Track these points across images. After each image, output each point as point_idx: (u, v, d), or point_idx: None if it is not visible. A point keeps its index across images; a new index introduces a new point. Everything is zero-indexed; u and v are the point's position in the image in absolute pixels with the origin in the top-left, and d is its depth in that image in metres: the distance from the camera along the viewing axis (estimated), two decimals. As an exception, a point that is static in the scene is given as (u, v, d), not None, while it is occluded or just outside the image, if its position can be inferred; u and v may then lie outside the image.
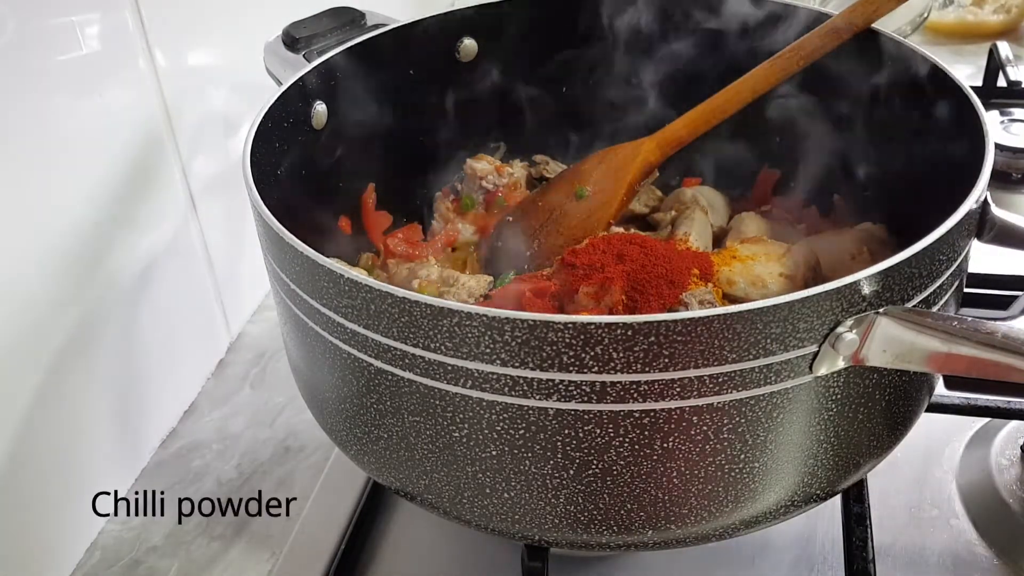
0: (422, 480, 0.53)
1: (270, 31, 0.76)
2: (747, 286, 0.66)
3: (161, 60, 0.76)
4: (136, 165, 0.75)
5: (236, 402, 0.85)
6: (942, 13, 1.46)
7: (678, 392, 0.45)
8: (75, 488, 0.71)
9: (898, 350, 0.46)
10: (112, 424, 0.75)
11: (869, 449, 0.54)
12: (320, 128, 0.69)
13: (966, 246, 0.53)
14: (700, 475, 0.49)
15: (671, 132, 0.74)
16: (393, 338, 0.47)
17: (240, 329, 0.94)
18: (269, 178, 0.61)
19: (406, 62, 0.75)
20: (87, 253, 0.70)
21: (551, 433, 0.47)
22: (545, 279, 0.65)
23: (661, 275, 0.61)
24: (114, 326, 0.74)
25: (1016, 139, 1.05)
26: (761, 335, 0.44)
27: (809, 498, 0.53)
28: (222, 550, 0.71)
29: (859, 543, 0.63)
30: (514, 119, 0.83)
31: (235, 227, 0.90)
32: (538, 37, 0.80)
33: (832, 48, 0.69)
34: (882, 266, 0.45)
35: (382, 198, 0.79)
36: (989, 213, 0.55)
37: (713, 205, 0.79)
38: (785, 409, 0.47)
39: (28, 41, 0.62)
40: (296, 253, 0.49)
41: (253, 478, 0.77)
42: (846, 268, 0.64)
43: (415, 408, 0.49)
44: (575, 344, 0.43)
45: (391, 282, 0.69)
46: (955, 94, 0.61)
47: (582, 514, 0.50)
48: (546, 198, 0.78)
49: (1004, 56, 1.14)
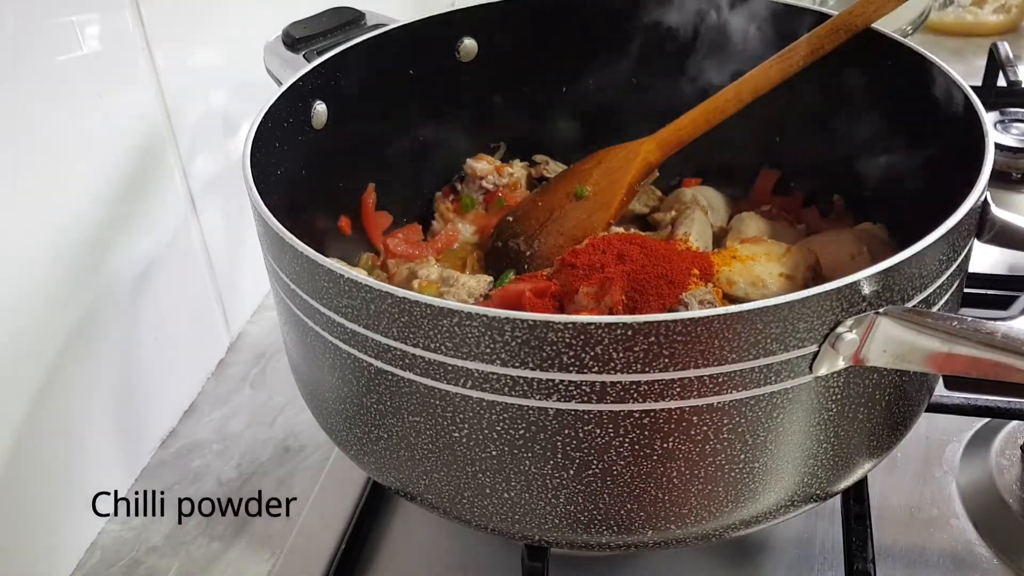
0: (422, 480, 0.53)
1: (270, 31, 0.76)
2: (747, 286, 0.66)
3: (161, 60, 0.76)
4: (136, 165, 0.75)
5: (236, 402, 0.85)
6: (942, 13, 1.46)
7: (678, 392, 0.45)
8: (75, 488, 0.71)
9: (898, 350, 0.46)
10: (112, 424, 0.75)
11: (869, 449, 0.54)
12: (320, 128, 0.69)
13: (966, 246, 0.53)
14: (700, 475, 0.49)
15: (671, 132, 0.74)
16: (393, 338, 0.47)
17: (240, 329, 0.94)
18: (269, 178, 0.61)
19: (406, 62, 0.75)
20: (87, 253, 0.70)
21: (551, 433, 0.47)
22: (545, 279, 0.65)
23: (661, 275, 0.61)
24: (114, 326, 0.74)
25: (1016, 139, 1.05)
26: (761, 335, 0.44)
27: (809, 498, 0.53)
28: (222, 550, 0.71)
29: (859, 543, 0.63)
30: (514, 119, 0.83)
31: (235, 227, 0.90)
32: (538, 37, 0.80)
33: (832, 48, 0.69)
34: (882, 266, 0.45)
35: (382, 198, 0.79)
36: (989, 213, 0.55)
37: (713, 205, 0.79)
38: (785, 409, 0.47)
39: (28, 41, 0.62)
40: (296, 253, 0.49)
41: (253, 478, 0.77)
42: (846, 268, 0.64)
43: (415, 408, 0.49)
44: (575, 344, 0.43)
45: (391, 282, 0.69)
46: (955, 94, 0.61)
47: (582, 514, 0.50)
48: (546, 198, 0.78)
49: (1004, 56, 1.14)
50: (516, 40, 0.80)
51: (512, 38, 0.80)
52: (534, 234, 0.75)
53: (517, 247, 0.75)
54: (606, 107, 0.83)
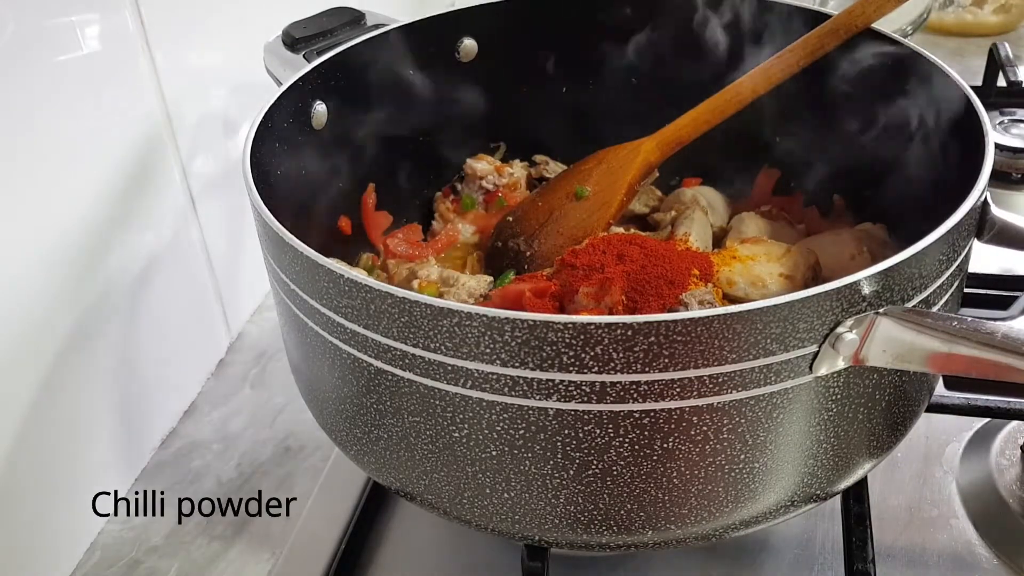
0: (422, 480, 0.53)
1: (270, 31, 0.76)
2: (747, 286, 0.66)
3: (161, 60, 0.76)
4: (136, 165, 0.75)
5: (236, 402, 0.85)
6: (942, 13, 1.46)
7: (678, 392, 0.45)
8: (75, 488, 0.71)
9: (898, 350, 0.46)
10: (112, 424, 0.75)
11: (869, 449, 0.54)
12: (320, 128, 0.69)
13: (966, 246, 0.53)
14: (700, 475, 0.49)
15: (671, 132, 0.74)
16: (393, 338, 0.47)
17: (240, 329, 0.94)
18: (269, 178, 0.61)
19: (406, 62, 0.75)
20: (87, 253, 0.70)
21: (551, 433, 0.47)
22: (545, 279, 0.65)
23: (661, 275, 0.61)
24: (114, 326, 0.74)
25: (1016, 139, 1.05)
26: (761, 335, 0.44)
27: (809, 498, 0.53)
28: (222, 550, 0.71)
29: (859, 543, 0.63)
30: (514, 119, 0.83)
31: (235, 227, 0.90)
32: (538, 37, 0.80)
33: (832, 48, 0.69)
34: (882, 266, 0.45)
35: (382, 198, 0.79)
36: (989, 213, 0.55)
37: (713, 205, 0.79)
38: (785, 409, 0.47)
39: (28, 41, 0.62)
40: (296, 253, 0.49)
41: (253, 478, 0.77)
42: (846, 268, 0.64)
43: (415, 408, 0.49)
44: (575, 344, 0.43)
45: (391, 282, 0.69)
46: (955, 94, 0.61)
47: (582, 514, 0.50)
48: (546, 198, 0.78)
49: (1004, 56, 1.14)
50: (516, 40, 0.80)
51: (512, 38, 0.80)
52: (534, 234, 0.75)
53: (517, 247, 0.75)
54: (606, 107, 0.83)
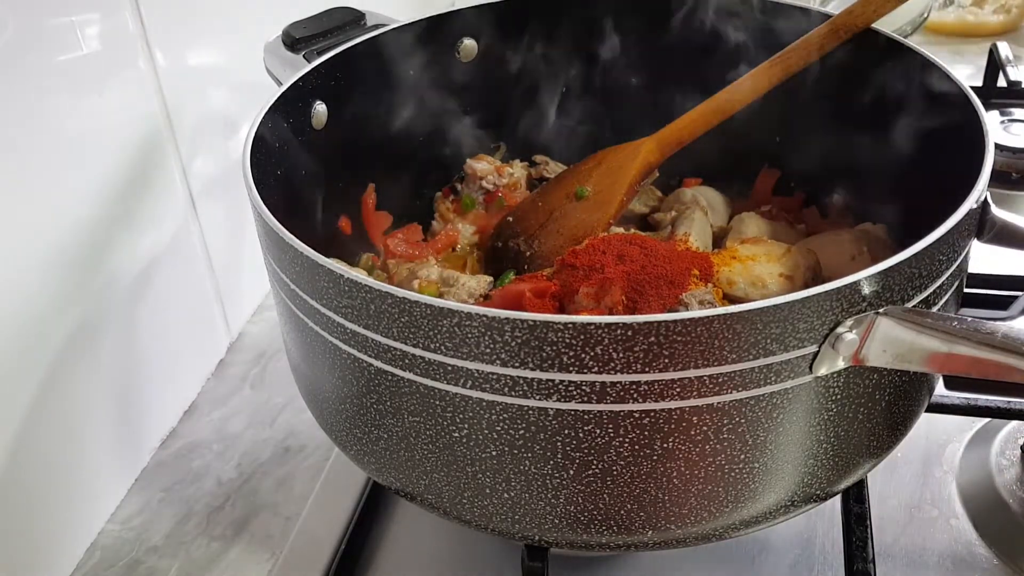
0: (422, 480, 0.53)
1: (270, 31, 0.76)
2: (747, 286, 0.66)
3: (161, 60, 0.76)
4: (136, 165, 0.75)
5: (236, 402, 0.85)
6: (942, 13, 1.46)
7: (678, 392, 0.45)
8: (75, 488, 0.71)
9: (898, 350, 0.46)
10: (112, 424, 0.75)
11: (869, 449, 0.54)
12: (320, 128, 0.69)
13: (966, 246, 0.53)
14: (700, 475, 0.49)
15: (671, 132, 0.74)
16: (393, 338, 0.47)
17: (240, 329, 0.94)
18: (269, 178, 0.61)
19: (406, 62, 0.75)
20: (87, 253, 0.70)
21: (551, 433, 0.47)
22: (545, 279, 0.65)
23: (661, 275, 0.61)
24: (114, 326, 0.74)
25: (1016, 139, 1.05)
26: (761, 335, 0.44)
27: (809, 498, 0.53)
28: (222, 550, 0.71)
29: (859, 543, 0.63)
30: (514, 119, 0.83)
31: (235, 227, 0.90)
32: (538, 37, 0.80)
33: (832, 48, 0.69)
34: (882, 266, 0.45)
35: (382, 198, 0.79)
36: (989, 213, 0.55)
37: (713, 205, 0.79)
38: (785, 409, 0.47)
39: (28, 41, 0.62)
40: (296, 253, 0.49)
41: (253, 478, 0.77)
42: (846, 268, 0.64)
43: (415, 408, 0.49)
44: (575, 344, 0.43)
45: (391, 282, 0.69)
46: (955, 94, 0.61)
47: (582, 514, 0.50)
48: (546, 198, 0.78)
49: (1004, 56, 1.14)
50: (516, 40, 0.80)
51: (512, 38, 0.80)
52: (534, 234, 0.75)
53: (517, 247, 0.75)
54: (606, 107, 0.83)
